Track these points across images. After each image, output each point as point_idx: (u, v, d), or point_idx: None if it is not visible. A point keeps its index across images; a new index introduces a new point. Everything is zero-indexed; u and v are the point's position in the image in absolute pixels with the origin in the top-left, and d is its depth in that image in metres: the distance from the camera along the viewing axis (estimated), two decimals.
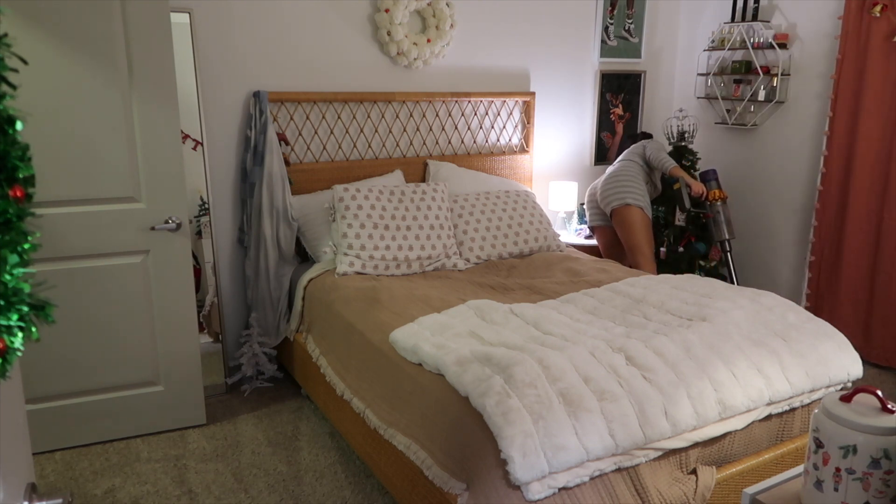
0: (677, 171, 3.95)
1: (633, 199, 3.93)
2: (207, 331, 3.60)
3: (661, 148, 4.07)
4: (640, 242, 3.92)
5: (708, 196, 3.99)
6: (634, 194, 3.94)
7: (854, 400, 1.29)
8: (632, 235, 3.93)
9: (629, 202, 3.93)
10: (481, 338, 2.38)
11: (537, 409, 1.90)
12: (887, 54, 3.69)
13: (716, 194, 3.99)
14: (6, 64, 0.65)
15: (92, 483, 2.73)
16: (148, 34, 2.74)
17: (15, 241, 0.66)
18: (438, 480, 2.01)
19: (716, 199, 3.99)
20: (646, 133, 4.37)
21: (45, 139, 2.67)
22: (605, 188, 4.05)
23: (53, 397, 2.90)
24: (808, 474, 1.31)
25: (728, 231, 4.03)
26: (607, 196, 4.01)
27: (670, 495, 2.07)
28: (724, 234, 4.02)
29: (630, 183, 3.97)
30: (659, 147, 4.07)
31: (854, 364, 2.52)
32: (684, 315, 2.57)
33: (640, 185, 3.99)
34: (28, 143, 0.70)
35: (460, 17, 3.95)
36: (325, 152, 3.74)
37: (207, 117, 3.35)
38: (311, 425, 3.21)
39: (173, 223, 2.92)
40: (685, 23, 4.86)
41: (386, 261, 3.27)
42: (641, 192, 3.97)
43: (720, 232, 4.03)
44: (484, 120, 4.19)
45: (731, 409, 2.17)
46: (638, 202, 3.94)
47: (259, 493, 2.67)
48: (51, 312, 0.69)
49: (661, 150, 4.05)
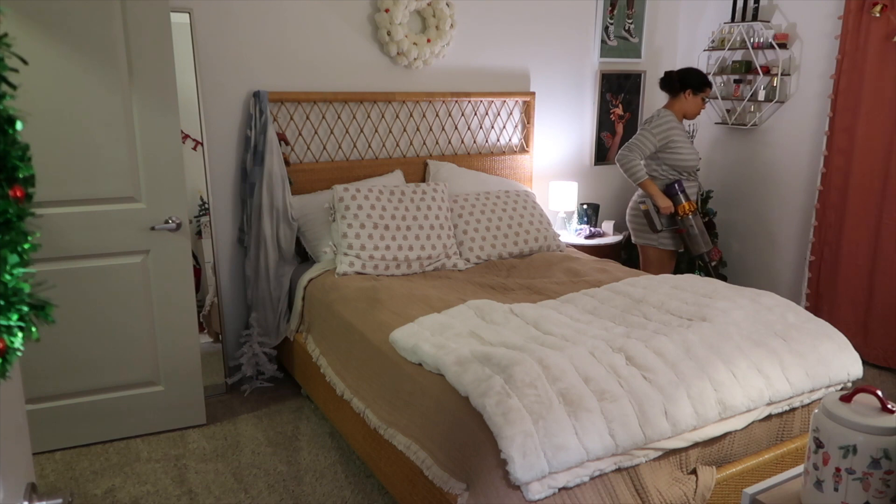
0: (645, 187, 3.71)
1: (643, 238, 3.89)
2: (207, 331, 3.61)
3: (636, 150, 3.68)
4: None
5: (677, 210, 3.71)
6: (644, 233, 3.88)
7: (854, 400, 1.29)
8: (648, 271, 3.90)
9: (640, 242, 3.92)
10: (481, 338, 2.38)
11: (537, 409, 1.90)
12: (887, 54, 3.69)
13: (684, 208, 3.70)
14: (6, 64, 0.65)
15: (92, 483, 2.73)
16: (148, 34, 2.73)
17: (15, 241, 0.66)
18: (438, 480, 2.01)
19: (686, 214, 3.70)
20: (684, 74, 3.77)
21: (45, 139, 2.67)
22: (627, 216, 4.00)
23: (53, 397, 2.90)
24: (808, 474, 1.31)
25: (704, 243, 3.77)
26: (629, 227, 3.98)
27: (670, 495, 2.07)
28: (701, 247, 3.77)
29: (638, 217, 3.89)
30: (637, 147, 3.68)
31: (854, 364, 2.52)
32: (684, 315, 2.57)
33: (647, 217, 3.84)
34: (28, 143, 0.70)
35: (460, 17, 3.95)
36: (325, 152, 3.74)
37: (207, 117, 3.35)
38: (311, 425, 3.21)
39: (173, 223, 2.92)
40: (685, 23, 4.86)
41: (386, 261, 3.27)
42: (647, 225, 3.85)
43: (696, 246, 3.77)
44: (484, 120, 4.19)
45: (731, 409, 2.17)
46: (649, 242, 3.87)
47: (259, 493, 2.67)
48: (51, 312, 0.69)
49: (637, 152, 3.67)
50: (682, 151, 3.73)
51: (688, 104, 3.77)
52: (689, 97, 3.75)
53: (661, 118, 3.74)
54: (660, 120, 3.73)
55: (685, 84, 3.74)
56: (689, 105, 3.77)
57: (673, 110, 3.79)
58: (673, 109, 3.79)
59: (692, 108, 3.78)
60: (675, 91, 3.77)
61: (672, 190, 3.72)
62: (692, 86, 3.72)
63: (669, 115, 3.76)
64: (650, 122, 3.76)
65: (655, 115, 3.78)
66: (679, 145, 3.72)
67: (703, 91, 3.75)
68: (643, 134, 3.73)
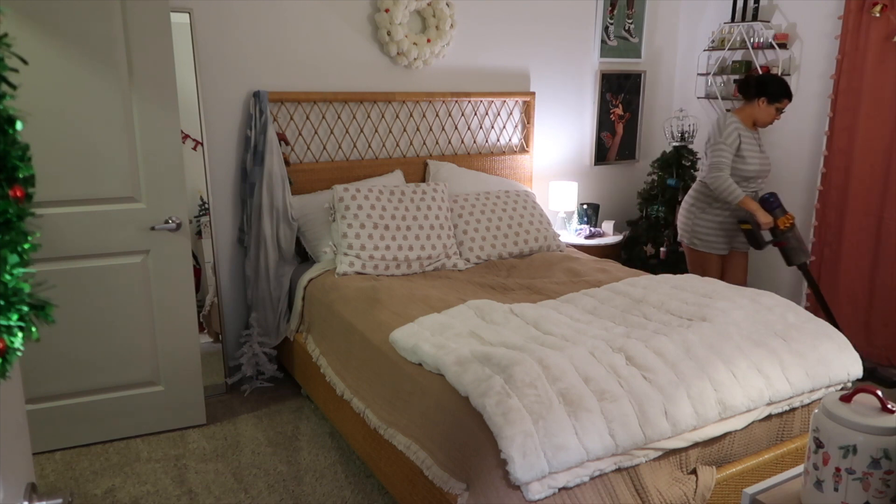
0: (745, 205, 3.51)
1: (687, 237, 3.84)
2: (207, 331, 3.61)
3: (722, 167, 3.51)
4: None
5: (778, 225, 3.50)
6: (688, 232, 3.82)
7: (854, 400, 1.29)
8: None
9: (683, 240, 3.88)
10: (481, 338, 2.38)
11: (537, 409, 1.90)
12: (887, 54, 3.70)
13: (784, 221, 3.50)
14: (6, 64, 0.65)
15: (92, 483, 2.73)
16: (148, 34, 2.73)
17: (15, 241, 0.66)
18: (438, 480, 2.01)
19: (786, 227, 3.51)
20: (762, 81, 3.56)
21: (45, 139, 2.67)
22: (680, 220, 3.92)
23: (53, 397, 2.90)
24: (808, 474, 1.31)
25: (803, 252, 3.58)
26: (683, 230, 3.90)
27: (670, 495, 2.07)
28: (801, 257, 3.59)
29: (684, 217, 3.83)
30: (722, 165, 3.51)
31: (854, 364, 2.52)
32: (684, 315, 2.57)
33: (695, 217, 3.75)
34: (28, 143, 0.70)
35: (460, 17, 3.95)
36: (325, 152, 3.74)
37: (207, 117, 3.35)
38: (311, 425, 3.21)
39: (173, 223, 2.92)
40: (685, 23, 4.86)
41: (386, 261, 3.27)
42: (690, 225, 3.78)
43: (796, 257, 3.58)
44: (484, 120, 4.19)
45: (731, 409, 2.17)
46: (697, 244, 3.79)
47: (259, 493, 2.67)
48: (51, 312, 0.69)
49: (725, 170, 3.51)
50: (746, 157, 3.57)
51: (760, 111, 3.58)
52: (763, 105, 3.56)
53: (727, 126, 3.56)
54: (727, 129, 3.56)
55: (761, 91, 3.55)
56: (762, 113, 3.58)
57: (741, 115, 3.61)
58: (741, 114, 3.61)
59: (764, 116, 3.59)
60: (749, 96, 3.60)
61: (769, 205, 3.53)
62: (767, 94, 3.54)
63: (734, 120, 3.58)
64: (719, 132, 3.58)
65: (721, 123, 3.59)
66: (745, 151, 3.57)
67: (780, 101, 3.55)
68: (719, 148, 3.55)
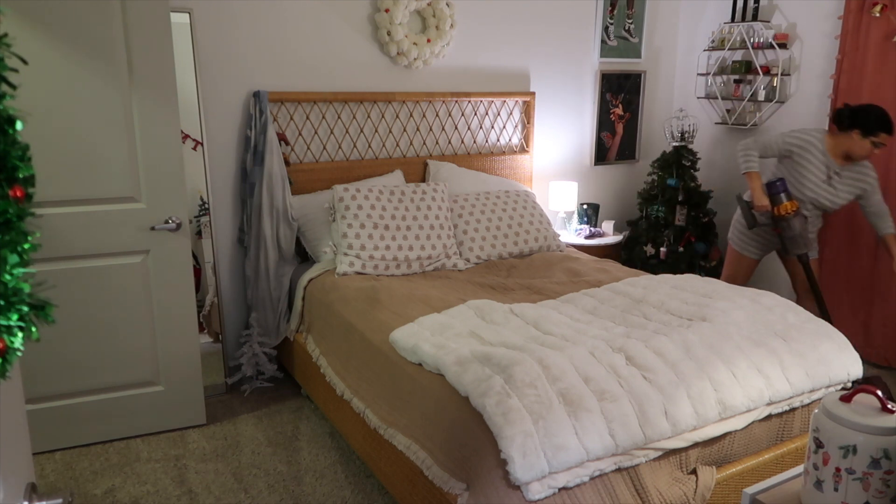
0: (748, 178, 3.47)
1: (730, 232, 3.82)
2: (207, 331, 3.61)
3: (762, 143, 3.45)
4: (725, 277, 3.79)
5: (779, 210, 3.40)
6: (732, 226, 3.81)
7: (854, 400, 1.29)
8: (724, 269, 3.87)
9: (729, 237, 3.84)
10: (481, 338, 2.38)
11: (537, 409, 1.90)
12: (887, 54, 3.70)
13: (786, 208, 3.38)
14: (6, 64, 0.65)
15: (92, 483, 2.73)
16: (148, 34, 2.73)
17: (15, 241, 0.66)
18: (438, 480, 2.01)
19: (787, 214, 3.38)
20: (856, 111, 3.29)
21: (45, 139, 2.67)
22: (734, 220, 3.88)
23: (53, 397, 2.90)
24: (808, 474, 1.31)
25: (803, 244, 3.43)
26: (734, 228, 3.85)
27: (670, 495, 2.07)
28: (799, 248, 3.45)
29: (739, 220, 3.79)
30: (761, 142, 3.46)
31: (854, 364, 2.52)
32: (684, 315, 2.57)
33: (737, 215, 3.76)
34: (28, 143, 0.70)
35: (460, 17, 3.95)
36: (325, 152, 3.74)
37: (207, 117, 3.35)
38: (311, 425, 3.21)
39: (173, 223, 2.92)
40: (685, 23, 4.86)
41: (386, 261, 3.27)
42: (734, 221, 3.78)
43: (794, 247, 3.45)
44: (484, 120, 4.19)
45: (731, 409, 2.17)
46: (734, 241, 3.77)
47: (259, 493, 2.67)
48: (51, 312, 0.69)
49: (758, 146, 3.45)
50: (805, 180, 3.41)
51: (854, 144, 3.29)
52: (856, 137, 3.27)
53: (806, 134, 3.42)
54: (802, 134, 3.42)
55: (854, 122, 3.27)
56: (855, 146, 3.29)
57: (830, 141, 3.38)
58: (831, 141, 3.38)
59: (858, 149, 3.30)
60: (843, 127, 3.33)
61: (773, 189, 3.40)
62: (861, 126, 3.25)
63: (817, 137, 3.40)
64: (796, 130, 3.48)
65: (804, 129, 3.47)
66: (805, 171, 3.40)
67: (875, 135, 3.24)
68: (776, 135, 3.48)
